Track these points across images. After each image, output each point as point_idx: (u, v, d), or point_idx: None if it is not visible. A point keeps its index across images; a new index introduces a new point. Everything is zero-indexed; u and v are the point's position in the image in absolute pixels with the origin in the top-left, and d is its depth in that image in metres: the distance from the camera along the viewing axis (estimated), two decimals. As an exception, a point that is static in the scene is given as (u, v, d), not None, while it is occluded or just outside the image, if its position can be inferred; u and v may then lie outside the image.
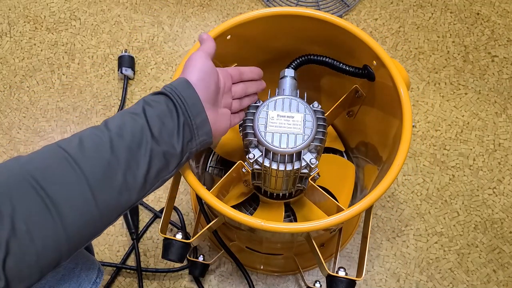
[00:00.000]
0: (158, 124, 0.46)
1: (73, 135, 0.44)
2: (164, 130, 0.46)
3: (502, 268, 0.88)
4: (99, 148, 0.42)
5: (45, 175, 0.39)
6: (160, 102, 0.47)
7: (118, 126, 0.44)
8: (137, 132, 0.44)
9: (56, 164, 0.40)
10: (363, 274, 0.58)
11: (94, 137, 0.43)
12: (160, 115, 0.46)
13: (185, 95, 0.48)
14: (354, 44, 0.61)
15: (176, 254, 0.62)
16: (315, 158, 0.57)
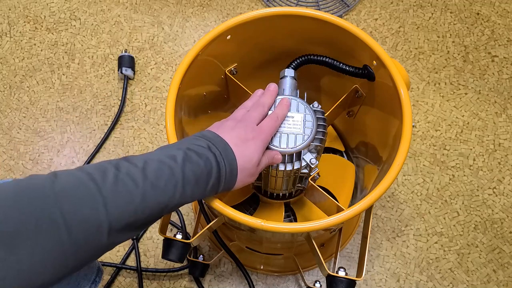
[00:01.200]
0: (191, 186, 0.46)
1: (109, 164, 0.43)
2: (195, 190, 0.46)
3: (502, 268, 0.88)
4: (131, 196, 0.41)
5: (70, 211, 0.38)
6: (205, 165, 0.47)
7: (155, 176, 0.43)
8: (170, 187, 0.44)
9: (86, 203, 0.39)
10: (363, 274, 0.58)
11: (129, 182, 0.42)
12: (198, 177, 0.46)
13: (228, 174, 0.49)
14: (354, 44, 0.61)
15: (176, 254, 0.62)
16: (315, 158, 0.57)
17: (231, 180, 0.50)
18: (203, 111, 0.73)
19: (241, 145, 0.51)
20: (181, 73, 0.59)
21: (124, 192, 0.41)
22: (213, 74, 0.68)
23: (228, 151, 0.49)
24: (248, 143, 0.51)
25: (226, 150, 0.49)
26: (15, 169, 0.97)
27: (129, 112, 1.02)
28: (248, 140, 0.51)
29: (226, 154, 0.49)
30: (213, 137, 0.50)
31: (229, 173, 0.49)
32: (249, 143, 0.51)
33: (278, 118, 0.56)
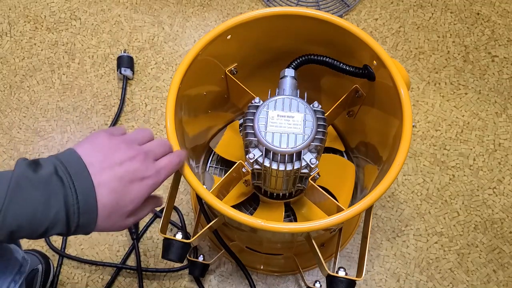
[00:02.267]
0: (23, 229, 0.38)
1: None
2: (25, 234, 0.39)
3: (502, 268, 0.88)
4: None
5: None
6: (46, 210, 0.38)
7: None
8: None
9: None
10: (363, 274, 0.58)
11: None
12: (33, 225, 0.38)
13: (82, 214, 0.40)
14: (354, 44, 0.61)
15: (176, 254, 0.62)
16: (315, 158, 0.57)
17: (88, 225, 0.41)
18: (203, 111, 0.73)
19: (119, 190, 0.42)
20: (181, 73, 0.59)
21: None
22: (213, 74, 0.68)
23: (86, 192, 0.40)
24: (130, 187, 0.43)
25: (84, 192, 0.40)
26: (15, 169, 0.97)
27: (129, 112, 1.02)
28: (132, 182, 0.43)
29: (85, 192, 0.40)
30: (75, 171, 0.40)
31: (84, 215, 0.40)
32: (132, 186, 0.43)
33: (181, 159, 0.50)
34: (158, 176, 0.46)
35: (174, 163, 0.49)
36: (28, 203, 0.38)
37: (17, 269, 0.65)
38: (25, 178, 0.38)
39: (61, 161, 0.40)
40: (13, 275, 0.64)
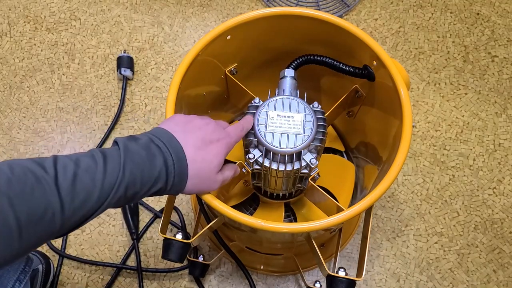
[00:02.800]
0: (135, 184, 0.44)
1: (69, 159, 0.42)
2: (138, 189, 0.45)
3: (502, 268, 0.88)
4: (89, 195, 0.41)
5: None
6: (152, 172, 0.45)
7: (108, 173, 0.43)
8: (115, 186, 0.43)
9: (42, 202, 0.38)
10: (363, 274, 0.58)
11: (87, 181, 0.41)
12: (143, 180, 0.45)
13: (176, 173, 0.47)
14: (354, 44, 0.61)
15: (176, 254, 0.62)
16: (315, 158, 0.57)
17: (180, 183, 0.48)
18: (203, 111, 0.73)
19: (202, 148, 0.49)
20: (181, 73, 0.59)
21: (82, 194, 0.41)
22: (213, 74, 0.68)
23: (181, 156, 0.47)
24: (210, 146, 0.50)
25: (177, 153, 0.47)
26: (15, 169, 0.97)
27: (129, 112, 1.02)
28: (212, 142, 0.50)
29: (179, 158, 0.47)
30: (167, 139, 0.47)
31: (178, 175, 0.47)
32: (212, 145, 0.50)
33: (243, 128, 0.56)
34: (230, 137, 0.53)
35: (239, 129, 0.55)
36: (138, 162, 0.44)
37: (22, 268, 0.65)
38: (131, 144, 0.45)
39: (152, 134, 0.48)
40: (18, 274, 0.64)
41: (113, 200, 0.43)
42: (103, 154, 0.44)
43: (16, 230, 0.37)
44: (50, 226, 0.39)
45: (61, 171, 0.40)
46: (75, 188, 0.40)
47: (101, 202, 0.42)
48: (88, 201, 0.41)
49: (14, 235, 0.37)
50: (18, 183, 0.38)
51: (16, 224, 0.37)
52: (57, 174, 0.40)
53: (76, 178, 0.40)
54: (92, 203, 0.41)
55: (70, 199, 0.40)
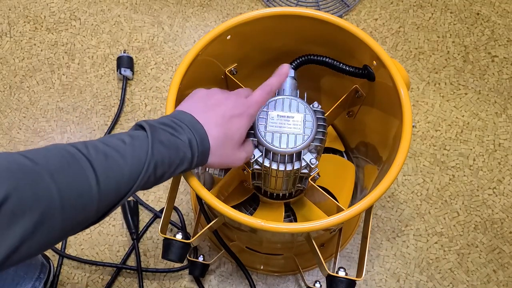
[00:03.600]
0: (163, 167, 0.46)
1: (97, 141, 0.43)
2: (166, 173, 0.46)
3: (502, 268, 0.88)
4: (121, 171, 0.42)
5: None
6: (178, 152, 0.47)
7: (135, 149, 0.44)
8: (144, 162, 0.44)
9: (81, 180, 0.39)
10: (363, 274, 0.58)
11: (118, 158, 0.43)
12: (171, 159, 0.46)
13: (200, 152, 0.48)
14: (354, 44, 0.61)
15: (176, 254, 0.62)
16: (315, 158, 0.57)
17: (203, 159, 0.49)
18: (203, 111, 0.73)
19: (223, 124, 0.50)
20: (181, 73, 0.59)
21: (115, 170, 0.41)
22: (213, 74, 0.68)
23: (201, 132, 0.48)
24: (232, 121, 0.51)
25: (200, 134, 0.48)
26: (15, 169, 0.97)
27: (129, 112, 1.02)
28: (232, 117, 0.51)
29: (201, 133, 0.48)
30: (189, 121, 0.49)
31: (202, 153, 0.48)
32: (233, 120, 0.51)
33: (272, 88, 0.55)
34: (251, 108, 0.53)
35: (263, 95, 0.54)
36: (164, 142, 0.45)
37: (37, 275, 0.64)
38: (155, 126, 0.46)
39: (175, 117, 0.49)
40: (33, 281, 0.64)
41: (144, 178, 0.44)
42: (130, 134, 0.45)
43: (59, 205, 0.37)
44: (88, 203, 0.39)
45: (92, 150, 0.41)
46: (107, 164, 0.41)
47: (133, 179, 0.43)
48: (121, 178, 0.42)
49: (58, 210, 0.37)
50: (56, 159, 0.39)
51: (59, 197, 0.37)
52: (89, 151, 0.41)
53: (107, 155, 0.41)
54: (125, 180, 0.42)
55: (104, 175, 0.40)
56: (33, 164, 0.37)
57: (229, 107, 0.51)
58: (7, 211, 0.33)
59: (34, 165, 0.37)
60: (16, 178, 0.35)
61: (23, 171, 0.36)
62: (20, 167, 0.36)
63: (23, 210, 0.34)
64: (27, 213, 0.34)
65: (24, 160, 0.37)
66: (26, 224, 0.34)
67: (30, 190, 0.35)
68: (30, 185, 0.35)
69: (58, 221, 0.37)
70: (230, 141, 0.51)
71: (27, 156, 0.37)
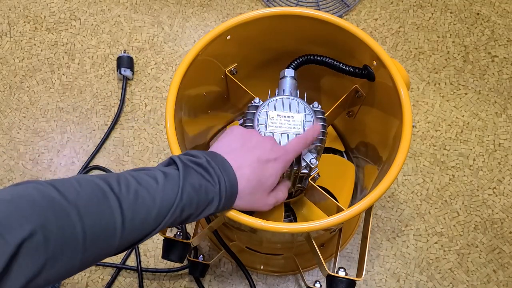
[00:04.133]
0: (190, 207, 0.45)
1: (131, 176, 0.42)
2: (191, 216, 0.46)
3: (502, 268, 0.88)
4: (148, 212, 0.42)
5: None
6: (207, 196, 0.46)
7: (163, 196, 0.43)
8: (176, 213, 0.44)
9: (106, 219, 0.39)
10: (363, 274, 0.58)
11: (148, 199, 0.42)
12: (199, 203, 0.45)
13: (227, 197, 0.47)
14: (354, 44, 0.61)
15: (176, 254, 0.62)
16: (315, 158, 0.57)
17: (229, 204, 0.48)
18: (203, 111, 0.73)
19: (258, 168, 0.49)
20: (181, 73, 0.59)
21: (142, 210, 0.41)
22: (213, 74, 0.68)
23: (232, 178, 0.47)
24: (267, 165, 0.49)
25: (230, 179, 0.47)
26: (15, 169, 0.97)
27: (129, 112, 1.02)
28: (269, 161, 0.50)
29: (230, 180, 0.47)
30: (221, 163, 0.47)
31: (229, 197, 0.47)
32: (269, 164, 0.50)
33: (307, 141, 0.54)
34: (287, 154, 0.52)
35: (301, 142, 0.54)
36: (195, 185, 0.44)
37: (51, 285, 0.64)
38: (189, 168, 0.45)
39: (206, 155, 0.47)
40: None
41: (170, 220, 0.43)
42: (164, 173, 0.44)
43: (81, 242, 0.37)
44: (110, 241, 0.39)
45: (124, 187, 0.41)
46: (136, 205, 0.41)
47: (158, 221, 0.42)
48: (147, 219, 0.41)
49: (80, 247, 0.37)
50: (86, 195, 0.38)
51: (82, 235, 0.37)
52: (120, 189, 0.40)
53: (138, 195, 0.41)
54: (150, 221, 0.42)
55: (131, 215, 0.40)
56: (63, 200, 0.37)
57: (266, 150, 0.50)
58: (31, 246, 0.34)
59: (64, 201, 0.37)
60: (45, 215, 0.35)
61: (53, 208, 0.36)
62: (50, 203, 0.36)
63: (46, 246, 0.34)
64: (50, 248, 0.35)
65: (54, 194, 0.37)
66: (46, 258, 0.35)
67: (56, 227, 0.35)
68: (56, 221, 0.35)
69: (78, 257, 0.37)
70: (262, 186, 0.50)
71: (59, 189, 0.38)
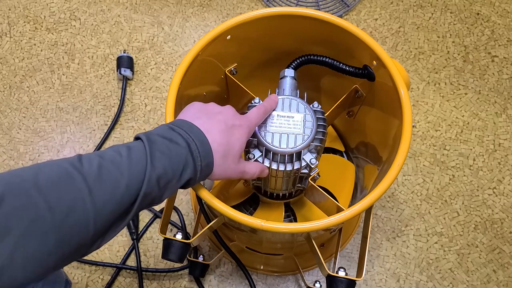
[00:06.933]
0: (166, 177, 0.44)
1: (93, 154, 0.42)
2: (168, 186, 0.45)
3: (502, 268, 0.88)
4: (117, 184, 0.41)
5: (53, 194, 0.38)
6: (180, 158, 0.45)
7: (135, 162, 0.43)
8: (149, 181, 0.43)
9: (72, 193, 0.39)
10: (363, 274, 0.58)
11: (113, 171, 0.41)
12: (173, 167, 0.45)
13: (202, 157, 0.47)
14: (354, 44, 0.61)
15: (176, 254, 0.62)
16: (315, 158, 0.57)
17: (208, 166, 0.48)
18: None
19: (226, 131, 0.50)
20: (181, 73, 0.59)
21: (109, 181, 0.40)
22: (213, 74, 0.68)
23: (201, 136, 0.48)
24: (233, 130, 0.51)
25: (199, 138, 0.47)
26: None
27: (129, 112, 1.02)
28: (234, 126, 0.51)
29: (200, 137, 0.47)
30: (186, 127, 0.48)
31: (205, 158, 0.47)
32: (234, 129, 0.51)
33: (266, 110, 0.56)
34: (250, 121, 0.54)
35: (261, 111, 0.56)
36: (163, 150, 0.44)
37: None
38: (153, 136, 0.45)
39: (172, 124, 0.48)
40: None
41: (148, 191, 0.42)
42: (127, 146, 0.44)
43: (50, 219, 0.36)
44: (83, 216, 0.38)
45: (86, 163, 0.40)
46: (101, 176, 0.40)
47: (133, 193, 0.42)
48: (117, 190, 0.40)
49: (49, 224, 0.36)
50: (45, 175, 0.38)
51: (49, 211, 0.36)
52: (82, 165, 0.40)
53: (102, 168, 0.40)
54: (122, 193, 0.41)
55: (98, 186, 0.39)
56: (22, 181, 0.37)
57: (229, 116, 0.51)
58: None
59: (23, 182, 0.37)
60: (1, 195, 0.35)
61: (10, 189, 0.36)
62: (7, 185, 0.36)
63: (9, 226, 0.34)
64: (14, 228, 0.34)
65: (11, 178, 0.37)
66: (13, 237, 0.34)
67: (15, 207, 0.35)
68: (14, 201, 0.35)
69: (52, 236, 0.36)
70: (231, 150, 0.50)
71: (17, 174, 0.38)
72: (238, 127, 0.51)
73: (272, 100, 0.58)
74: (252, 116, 0.54)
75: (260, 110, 0.56)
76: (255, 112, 0.55)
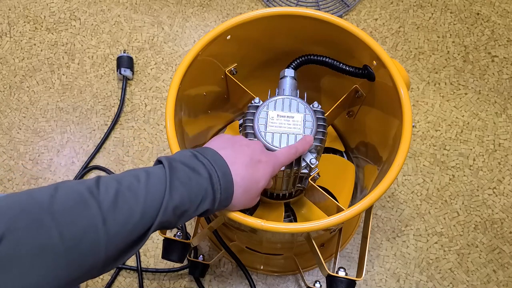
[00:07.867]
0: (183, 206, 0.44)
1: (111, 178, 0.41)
2: (185, 216, 0.44)
3: (502, 268, 0.88)
4: (132, 212, 0.40)
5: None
6: (200, 189, 0.44)
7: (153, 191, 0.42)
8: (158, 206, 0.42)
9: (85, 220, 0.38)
10: (363, 274, 0.58)
11: (130, 198, 0.41)
12: (191, 198, 0.44)
13: (223, 189, 0.46)
14: (354, 44, 0.61)
15: (176, 254, 0.62)
16: (315, 158, 0.57)
17: (226, 199, 0.47)
18: (203, 111, 0.73)
19: (252, 166, 0.48)
20: (181, 73, 0.59)
21: (124, 209, 0.40)
22: (213, 74, 0.68)
23: (226, 172, 0.46)
24: (258, 165, 0.49)
25: (222, 169, 0.46)
26: (15, 169, 0.97)
27: (129, 112, 1.02)
28: (260, 162, 0.49)
29: (224, 173, 0.46)
30: (211, 156, 0.47)
31: (225, 191, 0.46)
32: (260, 165, 0.49)
33: (297, 151, 0.54)
34: (277, 159, 0.52)
35: (291, 151, 0.54)
36: (183, 179, 0.43)
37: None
38: (175, 162, 0.44)
39: (197, 151, 0.47)
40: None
41: (164, 219, 0.42)
42: (146, 171, 0.43)
43: (60, 246, 0.36)
44: (95, 244, 0.38)
45: (103, 188, 0.40)
46: (117, 204, 0.39)
47: (147, 221, 0.41)
48: (131, 218, 0.40)
49: (59, 251, 0.35)
50: (61, 200, 0.37)
51: (59, 237, 0.36)
52: (98, 190, 0.39)
53: (118, 195, 0.40)
54: (136, 221, 0.40)
55: (112, 215, 0.39)
56: (36, 205, 0.36)
57: (257, 151, 0.50)
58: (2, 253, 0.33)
59: (36, 206, 0.36)
60: (14, 221, 0.34)
61: (23, 214, 0.35)
62: (20, 210, 0.35)
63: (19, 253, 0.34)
64: (24, 256, 0.34)
65: (26, 201, 0.36)
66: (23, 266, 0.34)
67: (26, 232, 0.34)
68: (26, 227, 0.34)
69: (61, 262, 0.36)
70: (256, 185, 0.49)
71: (32, 195, 0.37)
72: (264, 163, 0.50)
73: (306, 142, 0.56)
74: (280, 154, 0.53)
75: (291, 150, 0.54)
76: (285, 152, 0.53)
